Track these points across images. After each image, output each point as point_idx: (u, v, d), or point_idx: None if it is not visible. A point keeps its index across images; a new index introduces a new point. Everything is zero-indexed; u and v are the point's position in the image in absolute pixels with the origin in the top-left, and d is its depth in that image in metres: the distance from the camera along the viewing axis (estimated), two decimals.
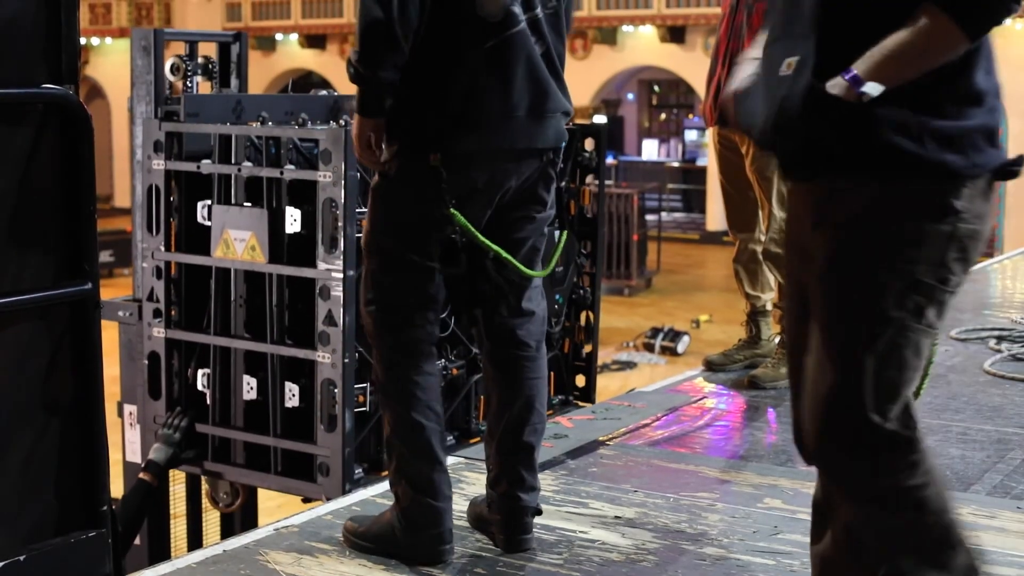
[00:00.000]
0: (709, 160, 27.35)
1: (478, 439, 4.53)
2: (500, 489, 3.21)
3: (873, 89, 2.12)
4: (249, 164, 4.47)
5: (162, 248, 4.64)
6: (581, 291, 5.18)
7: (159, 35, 4.84)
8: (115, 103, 33.46)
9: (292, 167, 4.35)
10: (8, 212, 2.45)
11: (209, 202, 4.53)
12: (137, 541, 4.87)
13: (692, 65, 23.89)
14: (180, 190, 4.62)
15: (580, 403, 5.19)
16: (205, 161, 4.54)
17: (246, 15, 34.05)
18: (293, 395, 4.37)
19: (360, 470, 4.31)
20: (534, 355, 3.22)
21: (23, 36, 2.46)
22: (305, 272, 4.24)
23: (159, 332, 4.64)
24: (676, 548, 3.27)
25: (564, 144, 3.22)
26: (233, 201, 4.48)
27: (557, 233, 3.37)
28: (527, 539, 3.23)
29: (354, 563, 3.17)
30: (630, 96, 29.20)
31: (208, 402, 4.61)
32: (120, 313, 4.91)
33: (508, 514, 3.21)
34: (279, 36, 34.06)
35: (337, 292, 4.14)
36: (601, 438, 4.29)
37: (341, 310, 4.14)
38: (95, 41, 33.95)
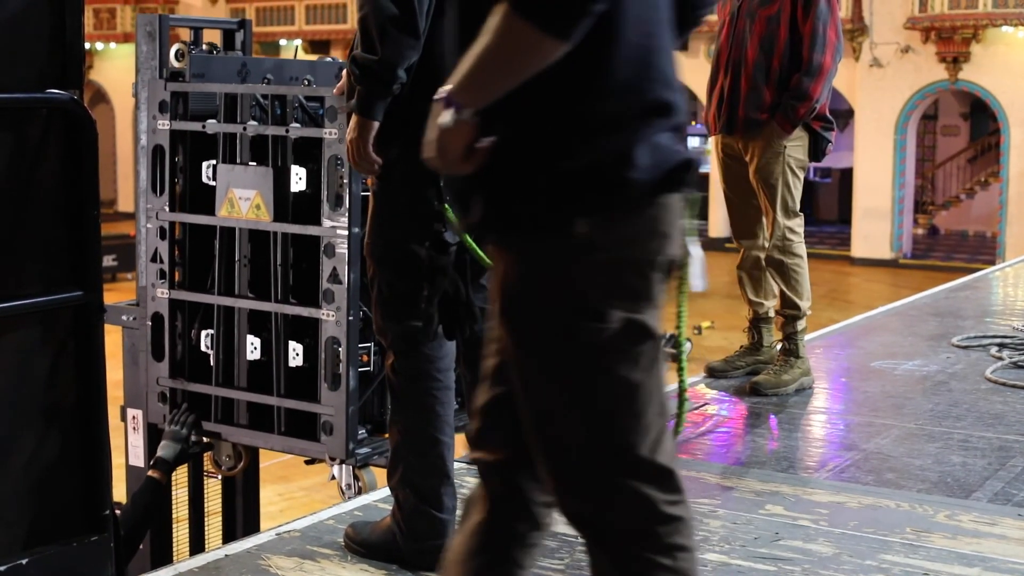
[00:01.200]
0: (712, 167, 27.38)
1: None
2: None
3: (467, 112, 1.86)
4: (255, 123, 4.45)
5: (166, 208, 4.61)
6: None
7: (164, 21, 4.80)
8: (119, 108, 33.49)
9: (297, 125, 4.34)
10: (11, 216, 2.46)
11: (214, 162, 4.51)
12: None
13: (694, 73, 23.91)
14: (185, 150, 4.60)
15: None
16: (210, 121, 4.52)
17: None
18: (297, 354, 4.36)
19: (364, 431, 4.32)
20: None
21: (28, 41, 2.47)
22: (310, 230, 4.25)
23: (163, 293, 4.62)
24: None
25: None
26: (238, 160, 4.46)
27: None
28: None
29: (356, 568, 3.18)
30: None
31: (211, 363, 4.58)
32: (123, 317, 4.91)
33: None
34: (283, 42, 34.06)
35: (342, 249, 4.14)
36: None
37: (346, 267, 4.14)
38: (99, 46, 34.00)
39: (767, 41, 4.81)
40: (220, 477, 5.13)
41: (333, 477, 4.37)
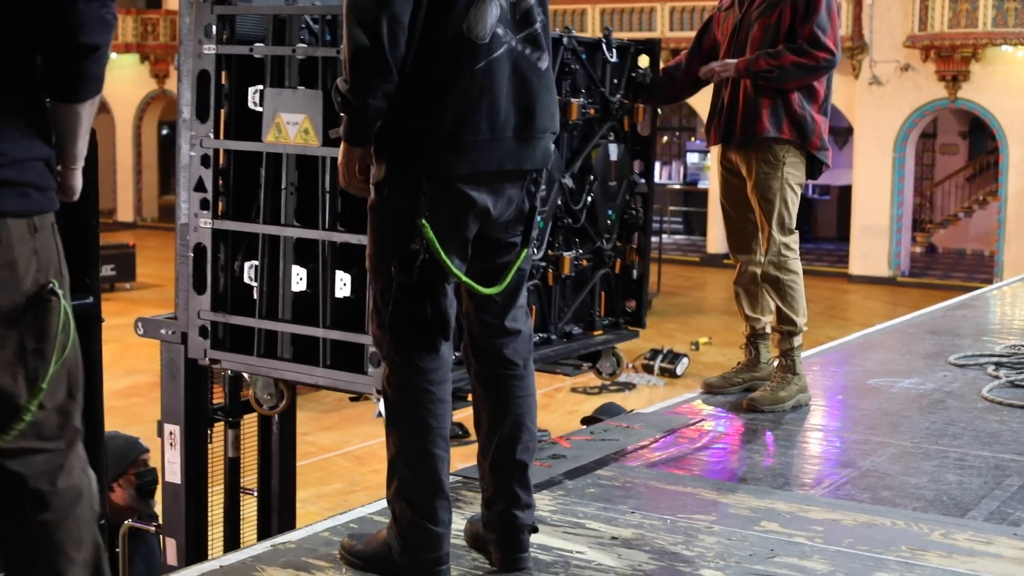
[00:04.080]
0: (711, 183, 27.41)
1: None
2: (495, 508, 3.21)
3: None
4: (304, 46, 4.30)
5: (211, 136, 4.47)
6: (633, 211, 5.05)
7: None
8: (119, 118, 33.54)
9: None
10: None
11: (261, 87, 4.37)
12: (172, 549, 4.79)
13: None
14: (231, 75, 4.46)
15: (630, 327, 5.13)
16: (258, 44, 4.39)
17: None
18: (344, 284, 4.21)
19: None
20: (521, 373, 3.22)
21: None
22: None
23: (206, 223, 4.46)
24: (672, 570, 3.27)
25: (549, 163, 3.22)
26: (286, 84, 4.31)
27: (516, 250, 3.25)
28: (523, 558, 3.23)
29: None
30: None
31: (255, 296, 4.42)
32: (162, 331, 4.70)
33: (504, 533, 3.21)
34: None
35: None
36: (599, 459, 4.29)
37: None
38: None
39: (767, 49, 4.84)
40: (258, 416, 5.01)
41: (380, 414, 4.05)
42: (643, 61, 5.06)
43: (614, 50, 4.85)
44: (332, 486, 12.46)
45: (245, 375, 4.72)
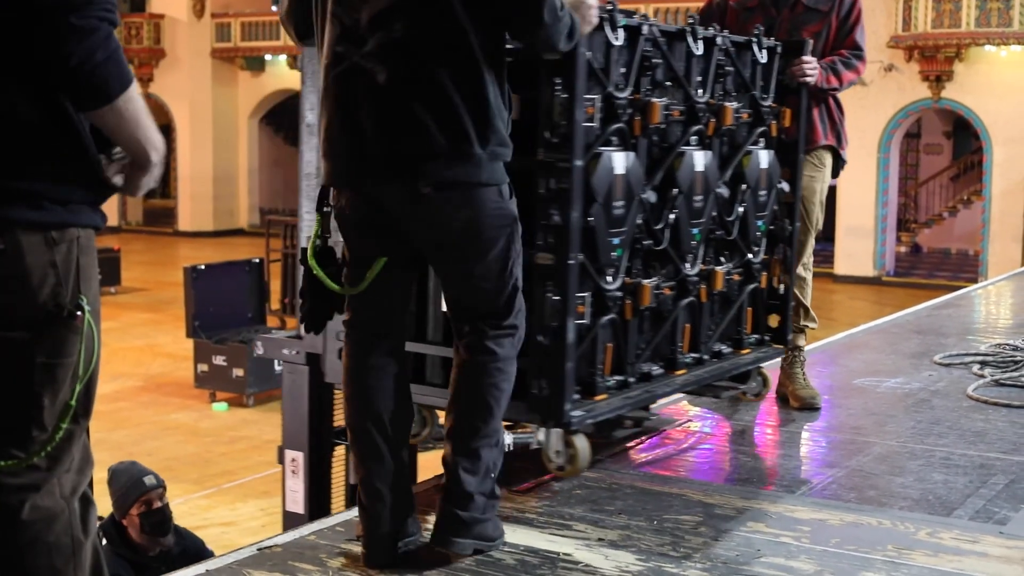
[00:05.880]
0: None
1: (683, 371, 4.32)
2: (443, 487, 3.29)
3: None
4: None
5: None
6: (779, 221, 4.82)
7: None
8: None
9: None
10: None
11: None
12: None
13: None
14: None
15: (775, 345, 4.92)
16: None
17: (235, 36, 34.06)
18: None
19: (576, 392, 3.83)
20: (493, 363, 3.24)
21: None
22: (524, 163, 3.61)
23: None
24: (659, 571, 3.27)
25: (440, 179, 3.07)
26: None
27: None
28: (451, 542, 3.24)
29: None
30: None
31: None
32: (284, 351, 4.52)
33: (440, 515, 3.26)
34: (268, 57, 34.07)
35: (563, 184, 3.62)
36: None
37: (568, 205, 3.61)
38: None
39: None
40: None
41: (537, 445, 3.90)
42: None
43: (764, 51, 4.64)
44: None
45: None
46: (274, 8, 35.84)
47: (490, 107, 3.07)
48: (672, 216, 4.12)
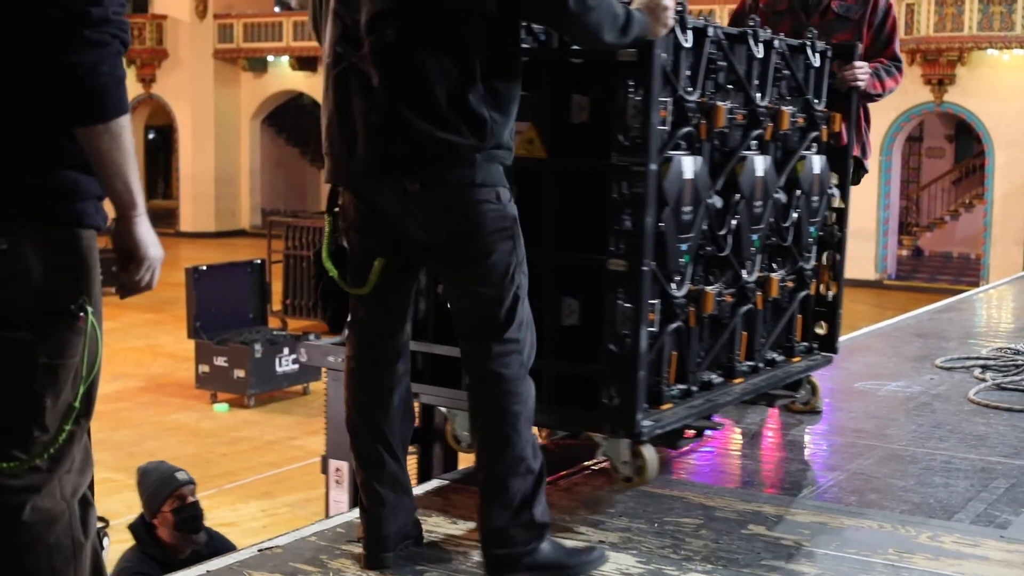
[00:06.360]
0: None
1: (741, 379, 4.26)
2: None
3: None
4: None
5: None
6: (828, 227, 4.80)
7: None
8: None
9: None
10: None
11: None
12: None
13: None
14: None
15: (823, 353, 4.87)
16: None
17: (238, 37, 34.05)
18: (572, 311, 3.75)
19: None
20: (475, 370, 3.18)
21: None
22: (594, 166, 3.61)
23: None
24: (659, 573, 3.27)
25: (434, 178, 3.04)
26: None
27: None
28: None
29: None
30: None
31: None
32: (329, 359, 4.43)
33: (483, 557, 3.21)
34: (270, 58, 34.07)
35: (637, 189, 3.52)
36: (586, 462, 4.29)
37: (642, 210, 3.52)
38: None
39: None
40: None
41: (602, 456, 3.85)
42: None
43: (817, 54, 4.58)
44: (319, 491, 12.37)
45: (443, 409, 4.35)
46: (277, 9, 35.95)
47: (485, 109, 3.02)
48: (734, 222, 4.06)
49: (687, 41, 3.73)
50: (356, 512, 3.74)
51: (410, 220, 3.11)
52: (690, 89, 3.77)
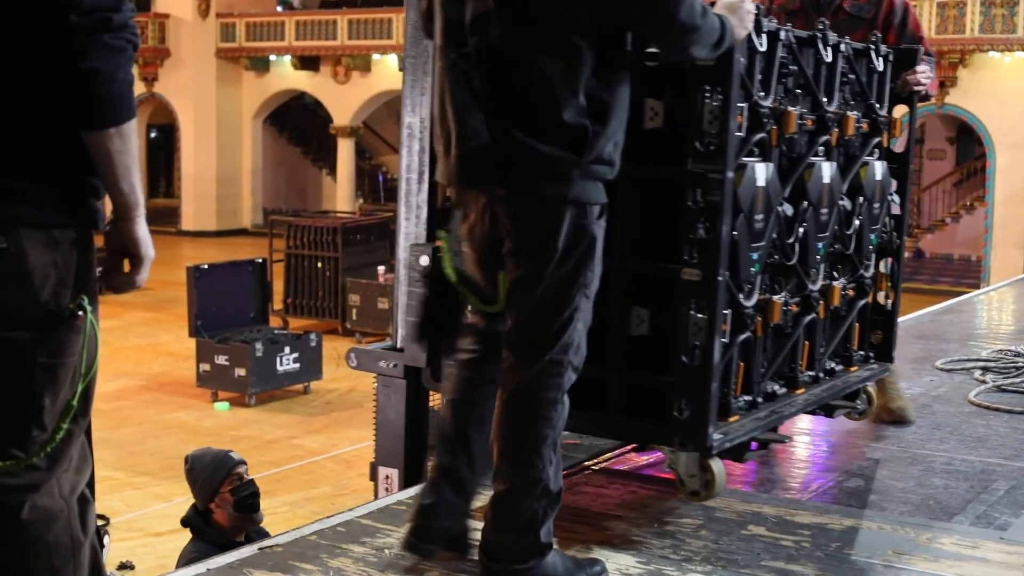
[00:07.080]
0: None
1: (803, 389, 4.14)
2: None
3: None
4: None
5: None
6: (886, 234, 4.69)
7: None
8: None
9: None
10: None
11: None
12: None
13: None
14: None
15: (880, 362, 4.72)
16: None
17: (240, 36, 34.08)
18: (642, 321, 3.62)
19: None
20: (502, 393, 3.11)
21: None
22: (668, 173, 3.52)
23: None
24: (659, 573, 3.28)
25: (524, 186, 2.97)
26: None
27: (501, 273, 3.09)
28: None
29: None
30: None
31: None
32: (380, 364, 4.34)
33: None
34: (273, 57, 34.08)
35: (714, 197, 3.40)
36: (586, 463, 4.30)
37: (719, 218, 3.41)
38: None
39: None
40: None
41: (670, 467, 3.74)
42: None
43: (880, 59, 4.47)
44: (319, 489, 12.45)
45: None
46: (279, 8, 35.96)
47: (587, 121, 2.92)
48: (801, 230, 3.96)
49: (762, 45, 3.64)
50: (350, 513, 3.75)
51: (498, 226, 3.02)
52: (762, 94, 3.67)
